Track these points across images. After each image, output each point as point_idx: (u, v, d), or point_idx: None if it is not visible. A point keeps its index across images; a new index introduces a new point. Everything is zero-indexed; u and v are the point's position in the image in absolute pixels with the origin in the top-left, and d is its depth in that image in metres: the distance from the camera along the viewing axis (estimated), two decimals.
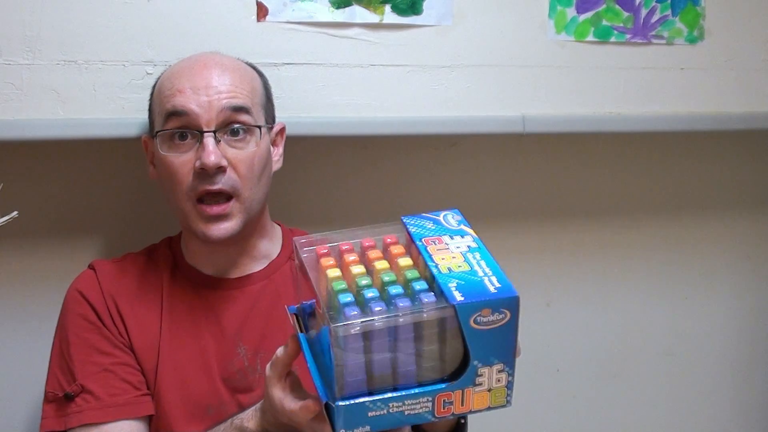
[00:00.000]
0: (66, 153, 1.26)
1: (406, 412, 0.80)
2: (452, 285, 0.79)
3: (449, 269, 0.81)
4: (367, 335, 0.78)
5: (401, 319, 0.78)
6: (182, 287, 1.14)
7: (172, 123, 1.07)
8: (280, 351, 0.90)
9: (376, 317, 0.78)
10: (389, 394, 0.80)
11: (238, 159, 1.08)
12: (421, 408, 0.81)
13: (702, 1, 1.46)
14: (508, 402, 0.83)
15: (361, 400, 0.79)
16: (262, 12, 1.24)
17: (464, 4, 1.32)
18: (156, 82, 1.15)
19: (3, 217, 1.00)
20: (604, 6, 1.40)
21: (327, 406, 0.81)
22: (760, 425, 1.74)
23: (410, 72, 1.32)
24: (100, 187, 1.30)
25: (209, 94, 1.07)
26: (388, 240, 0.88)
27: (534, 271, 1.55)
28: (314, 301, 0.89)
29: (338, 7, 1.27)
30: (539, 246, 1.54)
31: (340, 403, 0.79)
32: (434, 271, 0.81)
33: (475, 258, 0.83)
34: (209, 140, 1.06)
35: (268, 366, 0.91)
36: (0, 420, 1.30)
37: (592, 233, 1.56)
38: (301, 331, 0.90)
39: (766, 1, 1.50)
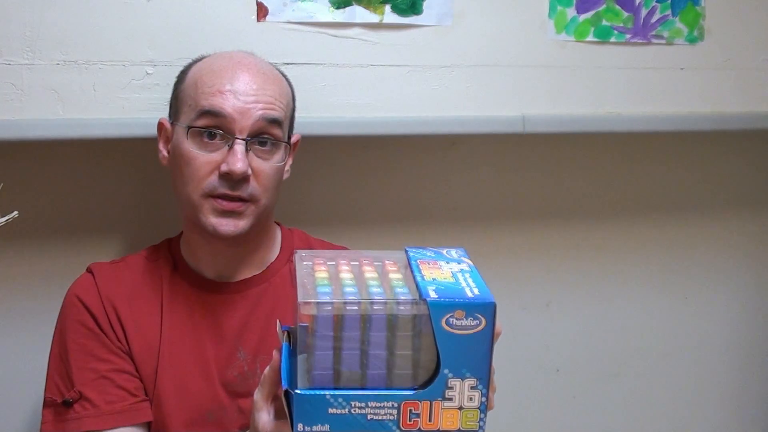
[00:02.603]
0: (66, 153, 1.25)
1: (369, 417, 0.78)
2: (431, 288, 0.79)
3: (434, 279, 0.81)
4: (338, 323, 0.77)
5: (374, 307, 0.77)
6: (182, 290, 1.14)
7: (204, 120, 1.06)
8: (267, 370, 0.87)
9: (347, 298, 0.78)
10: (353, 392, 0.78)
11: (261, 170, 1.08)
12: (385, 415, 0.78)
13: (702, 1, 1.46)
14: (481, 428, 0.80)
15: (323, 392, 0.78)
16: (262, 12, 1.24)
17: (464, 5, 1.32)
18: (187, 69, 1.14)
19: (3, 217, 1.00)
20: (604, 6, 1.40)
21: (287, 397, 0.79)
22: (760, 425, 1.74)
23: (410, 72, 1.32)
24: (100, 188, 1.30)
25: (248, 102, 1.06)
26: (387, 262, 0.87)
27: (534, 271, 1.55)
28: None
29: (338, 7, 1.26)
30: (539, 246, 1.54)
31: (300, 392, 0.78)
32: (418, 278, 0.81)
33: (463, 276, 0.82)
34: (240, 147, 1.05)
35: (257, 390, 0.88)
36: (0, 421, 1.30)
37: (592, 233, 1.56)
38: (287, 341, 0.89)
39: (766, 1, 1.50)
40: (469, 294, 0.78)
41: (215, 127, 1.06)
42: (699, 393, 1.70)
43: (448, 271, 0.83)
